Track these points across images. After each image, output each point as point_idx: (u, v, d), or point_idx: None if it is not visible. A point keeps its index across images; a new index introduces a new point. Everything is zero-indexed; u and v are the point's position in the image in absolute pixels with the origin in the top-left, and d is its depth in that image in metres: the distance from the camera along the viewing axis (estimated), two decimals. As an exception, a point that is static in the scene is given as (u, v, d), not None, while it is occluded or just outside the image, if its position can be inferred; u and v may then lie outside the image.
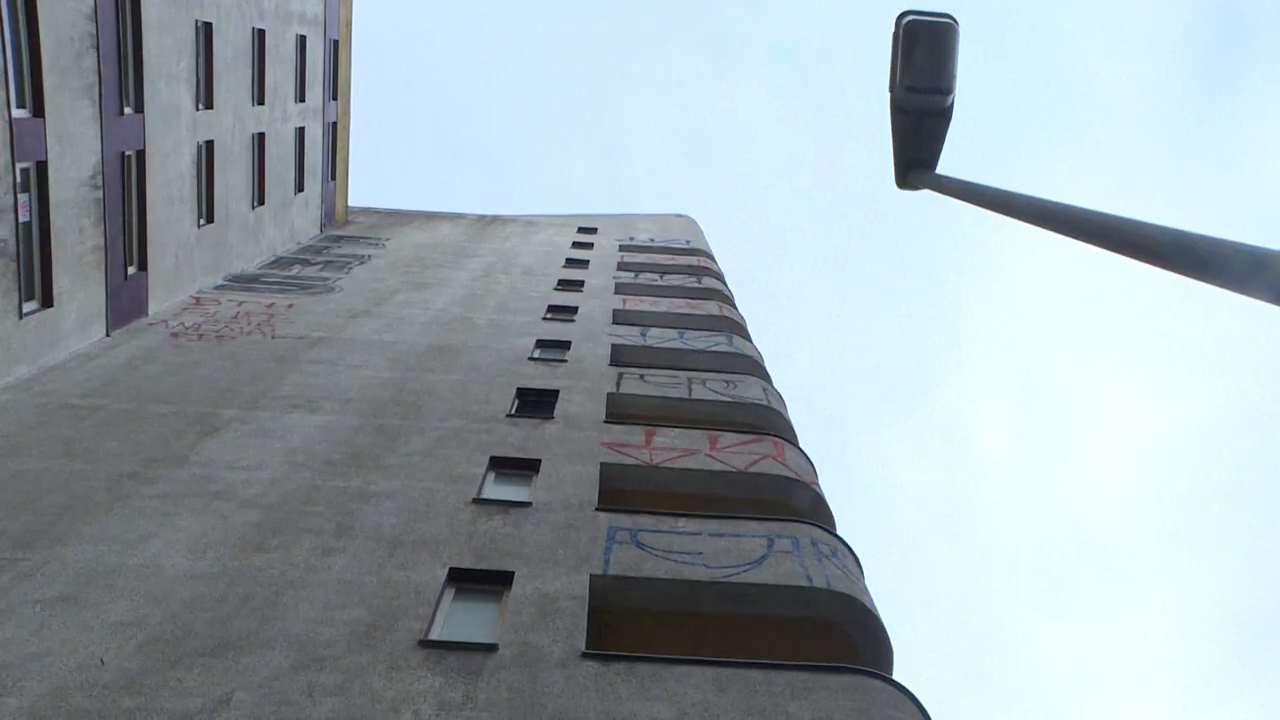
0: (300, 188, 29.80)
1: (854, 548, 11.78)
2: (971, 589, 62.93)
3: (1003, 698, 56.06)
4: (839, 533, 12.26)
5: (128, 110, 18.71)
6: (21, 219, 15.38)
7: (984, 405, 75.37)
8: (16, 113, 15.12)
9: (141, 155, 19.26)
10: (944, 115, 4.79)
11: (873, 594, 11.46)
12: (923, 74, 4.62)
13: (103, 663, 8.11)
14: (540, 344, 19.49)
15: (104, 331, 18.14)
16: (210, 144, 22.80)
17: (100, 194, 17.58)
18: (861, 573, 11.45)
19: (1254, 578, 61.36)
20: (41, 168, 15.76)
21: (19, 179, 15.22)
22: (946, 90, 4.68)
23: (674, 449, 13.77)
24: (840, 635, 10.14)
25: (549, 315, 22.00)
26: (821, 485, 13.83)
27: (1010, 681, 57.24)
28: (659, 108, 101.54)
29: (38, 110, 15.59)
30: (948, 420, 74.43)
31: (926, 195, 4.96)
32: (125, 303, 18.92)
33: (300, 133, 29.40)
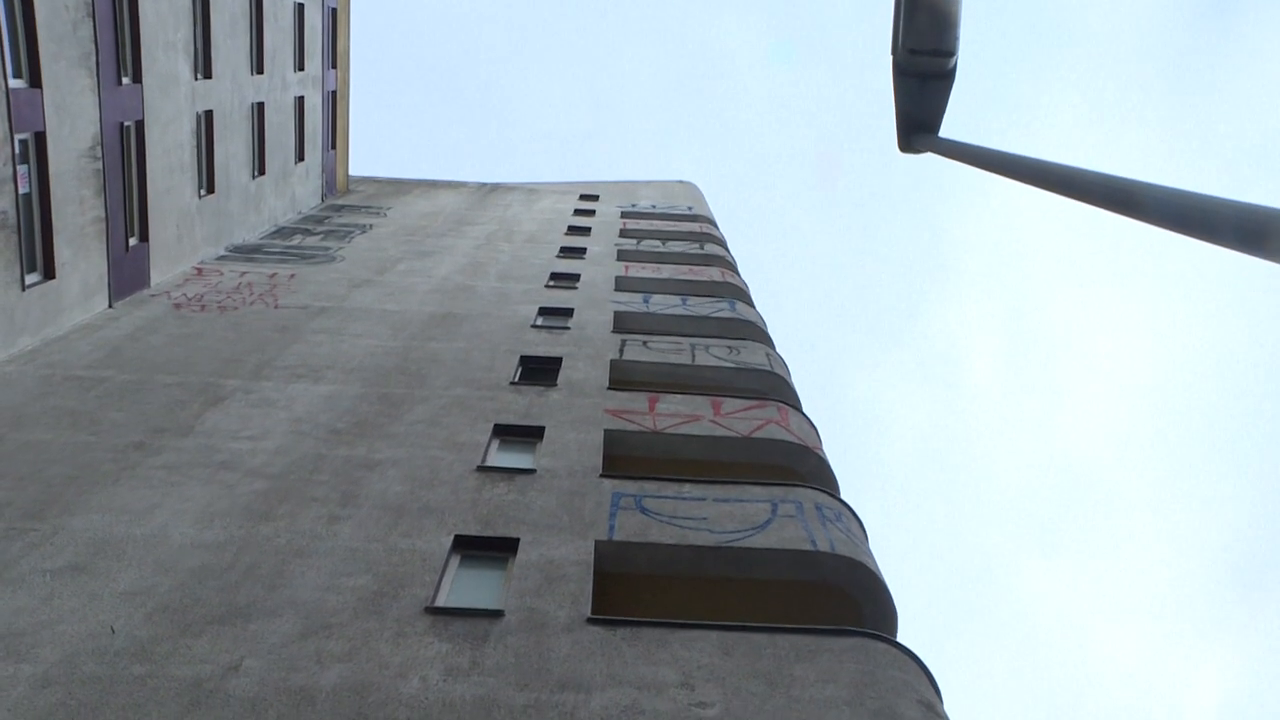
0: (301, 157, 29.69)
1: (851, 503, 11.84)
2: (962, 524, 63.22)
3: (994, 634, 56.44)
4: (843, 497, 12.30)
5: (125, 80, 18.61)
6: (21, 190, 15.34)
7: (974, 340, 75.46)
8: (13, 83, 15.05)
9: (140, 125, 19.18)
10: (947, 77, 4.75)
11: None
12: (925, 36, 4.58)
13: (113, 631, 8.18)
14: (543, 311, 19.49)
15: (106, 303, 18.14)
16: (209, 114, 22.69)
17: (100, 165, 17.53)
18: (865, 536, 11.50)
19: (1248, 510, 61.51)
20: (40, 138, 15.71)
21: (17, 150, 15.16)
22: (949, 52, 4.64)
23: (677, 415, 13.79)
24: (844, 598, 10.20)
25: (551, 283, 21.97)
26: (822, 445, 13.87)
27: (1001, 618, 57.61)
28: (650, 54, 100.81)
29: (34, 80, 15.51)
30: (937, 356, 74.56)
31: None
32: (127, 274, 18.91)
33: (300, 101, 29.25)
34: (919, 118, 4.87)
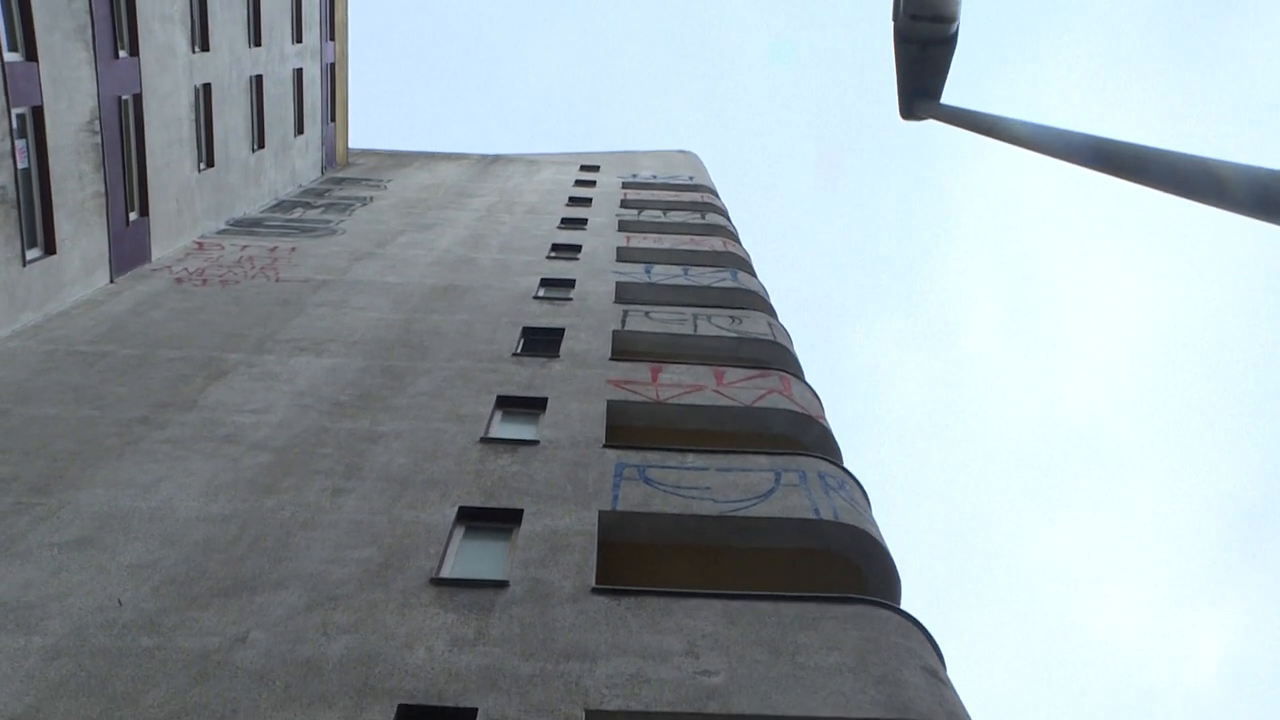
0: (300, 130, 29.56)
1: (852, 468, 11.87)
2: (963, 486, 63.43)
3: (994, 594, 56.73)
4: (845, 465, 12.33)
5: (122, 53, 18.51)
6: (20, 165, 15.29)
7: (973, 302, 75.40)
8: (9, 56, 14.97)
9: (138, 99, 19.09)
10: (949, 43, 4.72)
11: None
12: (926, 2, 4.55)
13: (120, 603, 8.23)
14: (545, 283, 19.46)
15: (108, 278, 18.13)
16: (207, 86, 22.58)
17: (98, 139, 17.46)
18: (868, 504, 11.54)
19: (1250, 469, 61.60)
20: (37, 113, 15.64)
21: (15, 125, 15.10)
22: (951, 18, 4.61)
23: (680, 385, 13.80)
24: (848, 566, 10.24)
25: (553, 254, 21.93)
26: (825, 414, 13.88)
27: (1002, 578, 57.90)
28: (648, 23, 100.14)
29: (30, 54, 15.42)
30: (937, 318, 74.53)
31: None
32: (128, 248, 18.88)
33: (298, 74, 29.09)
34: (920, 84, 4.84)
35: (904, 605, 10.23)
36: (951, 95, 4.78)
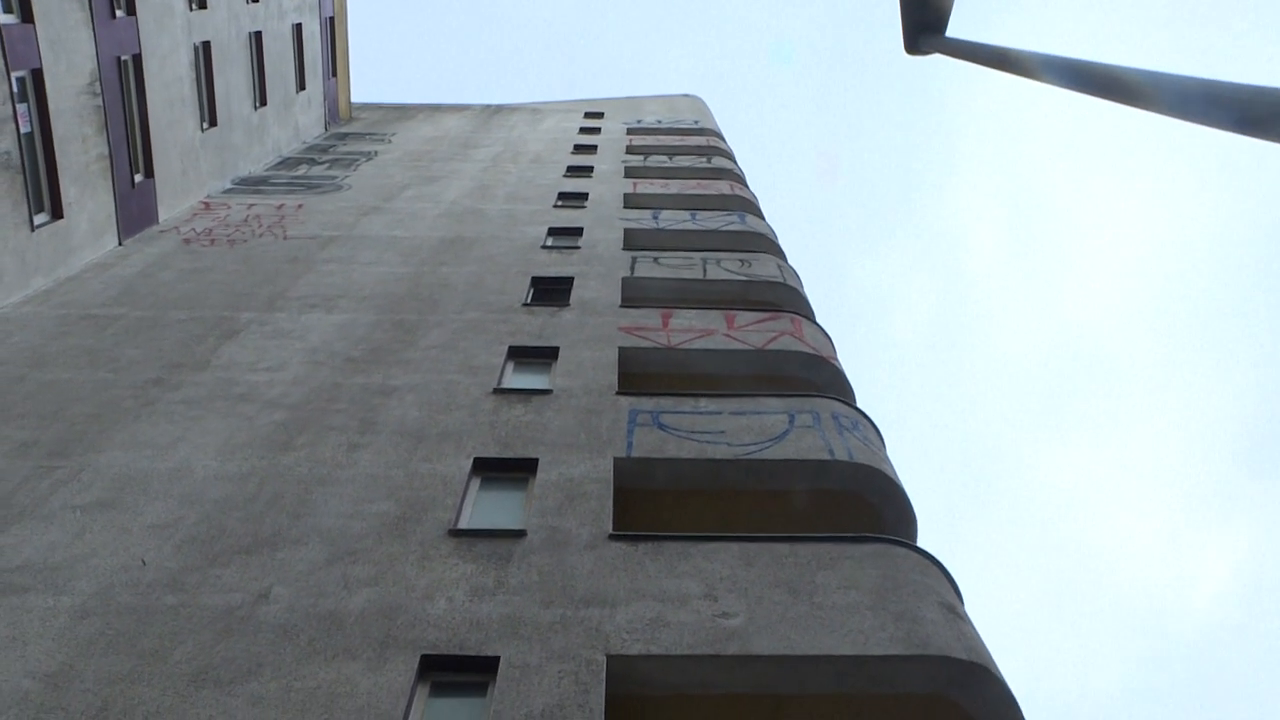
0: (302, 86, 29.34)
1: (861, 402, 11.87)
2: (969, 410, 63.45)
3: (1003, 517, 57.03)
4: (859, 405, 12.32)
5: (119, 13, 18.34)
6: (23, 130, 15.23)
7: (976, 225, 74.97)
8: (4, 18, 14.85)
9: (138, 59, 18.95)
10: (954, -28, 4.62)
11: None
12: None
13: (144, 563, 8.32)
14: (552, 232, 19.38)
15: (116, 241, 18.13)
16: (207, 45, 22.39)
17: (100, 101, 17.37)
18: (883, 443, 11.55)
19: (1260, 386, 61.39)
20: (37, 76, 15.54)
21: (15, 89, 15.02)
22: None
23: (691, 330, 13.78)
24: (864, 506, 10.28)
25: (560, 203, 21.81)
26: (837, 354, 13.86)
27: (1011, 501, 58.14)
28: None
29: (26, 15, 15.29)
30: (940, 242, 74.14)
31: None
32: (135, 211, 18.86)
33: (298, 29, 28.81)
34: (925, 18, 4.75)
35: (919, 539, 10.29)
36: (957, 29, 4.69)
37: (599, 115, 33.59)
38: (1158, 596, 50.81)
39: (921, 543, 10.35)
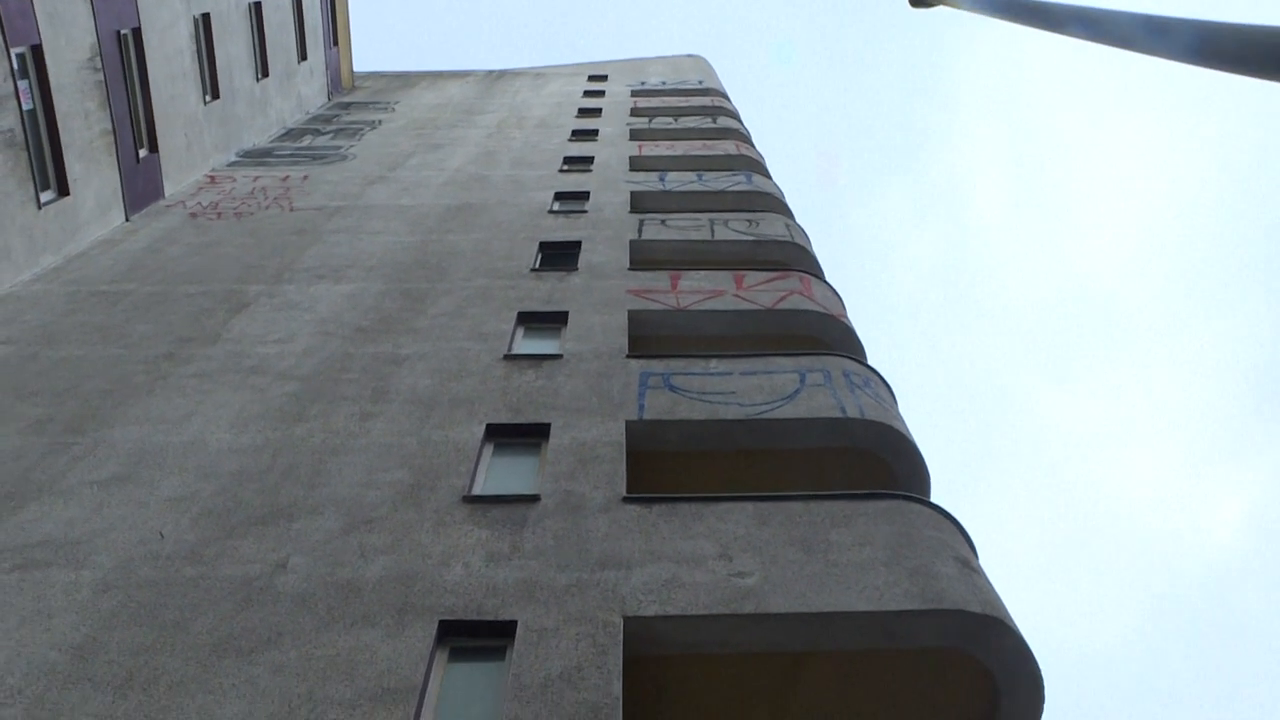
0: (303, 56, 29.18)
1: (873, 361, 11.86)
2: (976, 356, 63.34)
3: (1011, 463, 57.06)
4: (869, 362, 12.30)
5: (118, -14, 18.23)
6: (25, 107, 15.18)
7: (980, 169, 74.41)
8: (5, -3, 14.77)
9: (137, 33, 18.85)
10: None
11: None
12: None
13: (162, 536, 8.39)
14: (559, 196, 19.31)
15: (123, 216, 18.12)
16: (206, 16, 22.25)
17: (101, 76, 17.30)
18: (894, 399, 11.54)
19: (1269, 326, 61.10)
20: (37, 52, 15.47)
21: (15, 65, 14.96)
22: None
23: (700, 291, 13.74)
24: (876, 463, 10.29)
25: (565, 167, 21.72)
26: (846, 312, 13.82)
27: (1020, 448, 58.16)
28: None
29: (26, -7, 15.21)
30: (943, 187, 73.67)
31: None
32: (140, 186, 18.83)
33: (296, -3, 28.60)
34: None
35: (932, 494, 10.30)
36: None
37: (602, 78, 33.35)
38: (1170, 539, 50.92)
39: (933, 496, 10.38)
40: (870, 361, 12.50)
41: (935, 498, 10.42)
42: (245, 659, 6.94)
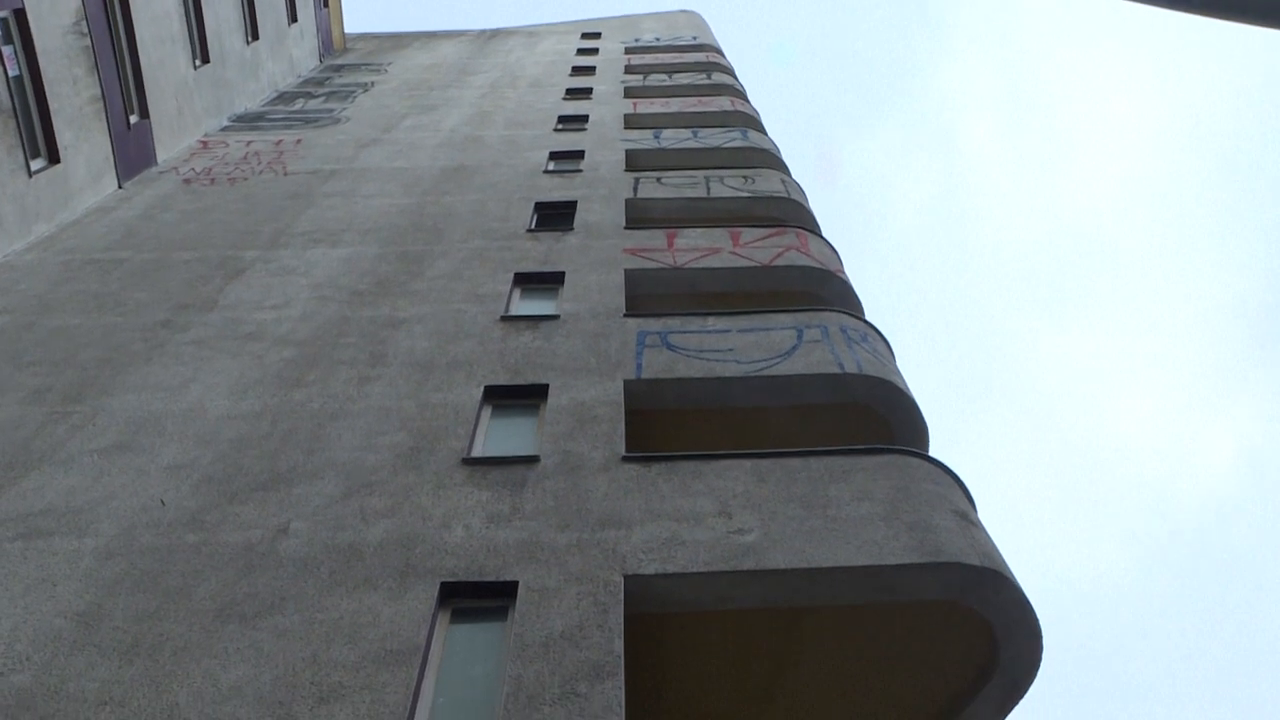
0: (294, 17, 28.87)
1: (878, 326, 11.85)
2: (968, 297, 63.29)
3: (1004, 404, 57.22)
4: (867, 318, 12.29)
5: (103, -51, 17.99)
6: (10, 73, 15.04)
7: (972, 105, 73.90)
8: (-12, -38, 14.59)
9: (124, -4, 18.63)
10: None
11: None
12: None
13: (163, 503, 8.41)
14: (553, 156, 19.19)
15: (116, 184, 18.02)
16: (193, -22, 21.99)
17: (88, 40, 17.11)
18: (892, 354, 11.53)
19: (1262, 265, 60.98)
20: (20, 16, 15.29)
21: None
22: None
23: (697, 249, 13.70)
24: (874, 418, 10.30)
25: (560, 126, 21.56)
26: (843, 268, 13.79)
27: (1014, 389, 58.29)
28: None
29: (9, -43, 15.02)
30: (934, 122, 73.19)
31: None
32: (132, 152, 18.70)
33: (284, -43, 28.25)
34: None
35: (930, 448, 10.33)
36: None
37: (596, 36, 33.04)
38: (1165, 477, 51.17)
39: (931, 443, 10.41)
40: (865, 309, 12.49)
41: (933, 445, 10.47)
42: (248, 624, 6.98)
